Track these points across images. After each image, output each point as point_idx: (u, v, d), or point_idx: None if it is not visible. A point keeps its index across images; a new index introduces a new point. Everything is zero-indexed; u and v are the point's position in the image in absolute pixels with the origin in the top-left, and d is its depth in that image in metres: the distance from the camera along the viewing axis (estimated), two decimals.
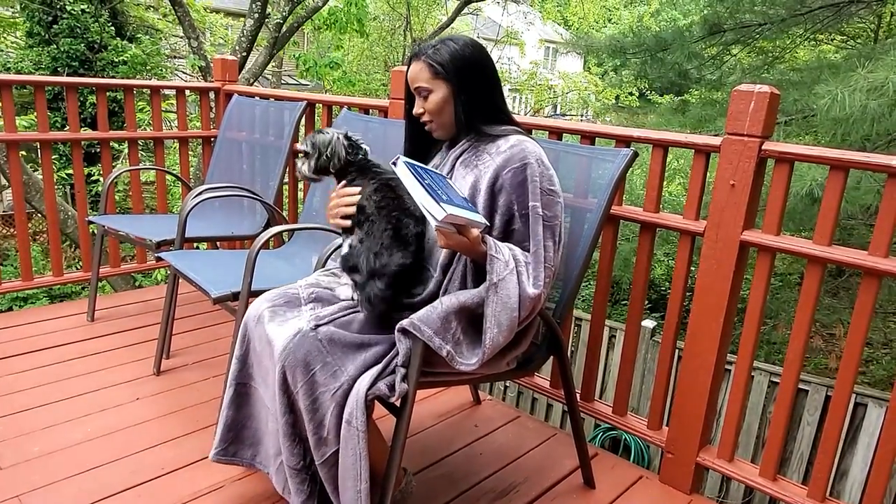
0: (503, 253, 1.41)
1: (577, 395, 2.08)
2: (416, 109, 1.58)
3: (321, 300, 1.56)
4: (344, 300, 1.56)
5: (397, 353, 1.41)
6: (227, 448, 1.60)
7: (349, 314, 1.50)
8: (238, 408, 1.59)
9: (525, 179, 1.48)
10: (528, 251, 1.47)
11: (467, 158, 1.57)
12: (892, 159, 1.46)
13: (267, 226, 2.64)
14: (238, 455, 1.62)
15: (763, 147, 1.64)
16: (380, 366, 1.40)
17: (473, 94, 1.54)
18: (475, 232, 1.35)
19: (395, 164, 1.39)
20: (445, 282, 1.53)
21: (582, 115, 17.73)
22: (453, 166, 1.59)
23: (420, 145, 1.68)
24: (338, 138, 1.59)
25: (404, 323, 1.37)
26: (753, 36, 5.09)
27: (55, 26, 8.50)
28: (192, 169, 5.71)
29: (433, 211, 1.28)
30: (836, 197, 1.56)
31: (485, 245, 1.39)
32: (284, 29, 7.24)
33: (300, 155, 1.64)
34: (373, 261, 1.47)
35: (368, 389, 1.34)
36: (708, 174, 1.81)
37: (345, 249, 1.56)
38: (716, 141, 1.73)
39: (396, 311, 1.48)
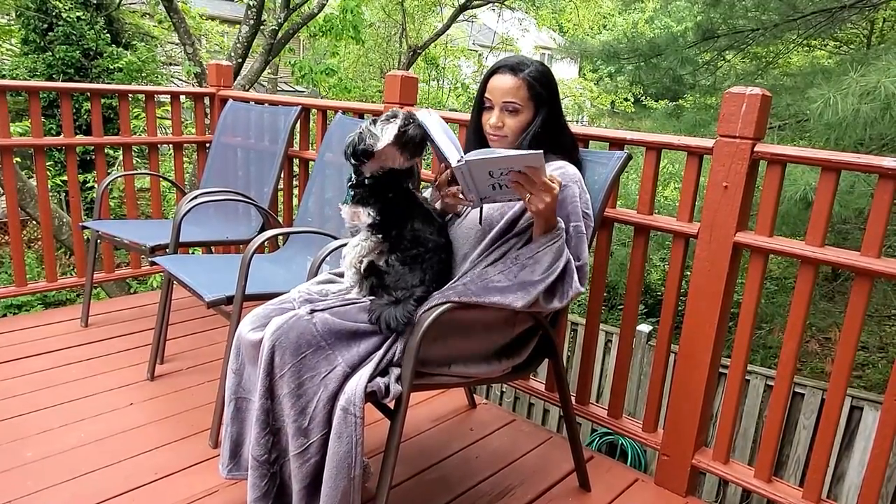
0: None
1: (573, 399, 2.08)
2: (495, 122, 1.58)
3: (315, 302, 1.55)
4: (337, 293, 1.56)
5: (390, 352, 1.40)
6: (238, 463, 1.57)
7: (345, 305, 1.49)
8: (242, 423, 1.55)
9: (565, 199, 1.53)
10: None
11: None
12: (883, 160, 1.47)
13: (261, 230, 2.64)
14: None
15: (755, 149, 1.64)
16: (378, 365, 1.39)
17: (547, 123, 1.59)
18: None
19: (461, 161, 1.38)
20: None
21: (577, 121, 17.79)
22: None
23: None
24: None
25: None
26: (747, 41, 5.13)
27: (51, 33, 8.49)
28: (186, 175, 5.70)
29: (523, 157, 1.35)
30: (828, 198, 1.57)
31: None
32: (280, 35, 7.26)
33: (387, 117, 1.46)
34: (405, 293, 1.47)
35: (367, 382, 1.33)
36: (702, 176, 1.82)
37: (380, 261, 1.54)
38: (708, 143, 1.74)
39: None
